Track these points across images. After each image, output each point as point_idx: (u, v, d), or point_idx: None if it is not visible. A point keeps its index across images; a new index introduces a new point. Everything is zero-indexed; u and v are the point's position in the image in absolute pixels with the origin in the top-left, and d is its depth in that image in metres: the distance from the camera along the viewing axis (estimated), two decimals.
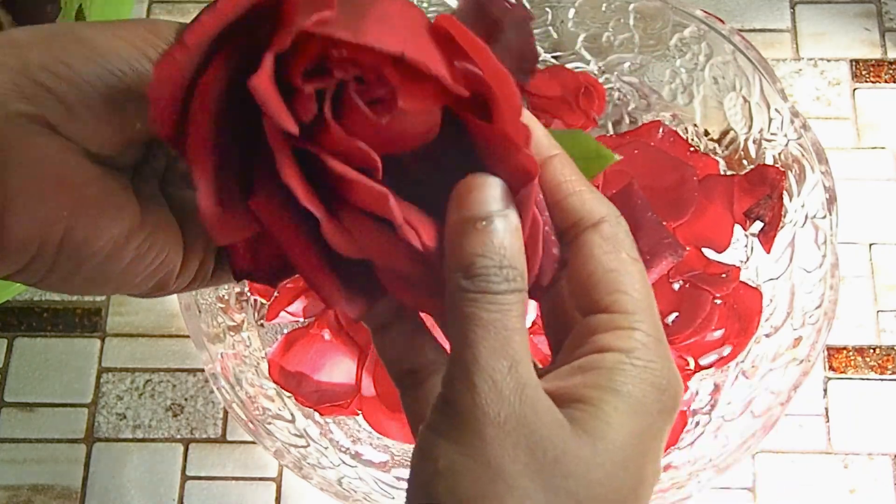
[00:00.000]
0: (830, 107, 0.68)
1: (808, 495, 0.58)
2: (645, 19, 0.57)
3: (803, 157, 0.53)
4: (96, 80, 0.28)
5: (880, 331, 0.62)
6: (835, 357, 0.61)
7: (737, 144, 0.58)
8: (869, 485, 0.58)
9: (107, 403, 0.61)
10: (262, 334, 0.57)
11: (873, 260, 0.64)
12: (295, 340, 0.55)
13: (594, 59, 0.60)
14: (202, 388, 0.62)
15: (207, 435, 0.61)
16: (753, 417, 0.50)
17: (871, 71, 0.68)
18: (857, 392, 0.60)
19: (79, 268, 0.30)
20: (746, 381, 0.53)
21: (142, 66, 0.29)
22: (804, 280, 0.53)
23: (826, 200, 0.52)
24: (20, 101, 0.28)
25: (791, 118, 0.54)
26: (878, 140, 0.67)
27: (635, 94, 0.61)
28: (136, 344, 0.63)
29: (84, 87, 0.28)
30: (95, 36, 0.29)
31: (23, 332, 0.63)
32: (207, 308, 0.52)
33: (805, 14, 0.70)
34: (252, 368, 0.54)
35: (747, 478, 0.59)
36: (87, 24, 0.30)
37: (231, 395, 0.50)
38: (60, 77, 0.28)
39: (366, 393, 0.54)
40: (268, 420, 0.51)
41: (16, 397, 0.62)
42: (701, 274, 0.55)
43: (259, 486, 0.59)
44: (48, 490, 0.60)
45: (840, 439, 0.59)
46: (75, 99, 0.28)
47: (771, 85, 0.54)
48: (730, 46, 0.55)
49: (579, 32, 0.59)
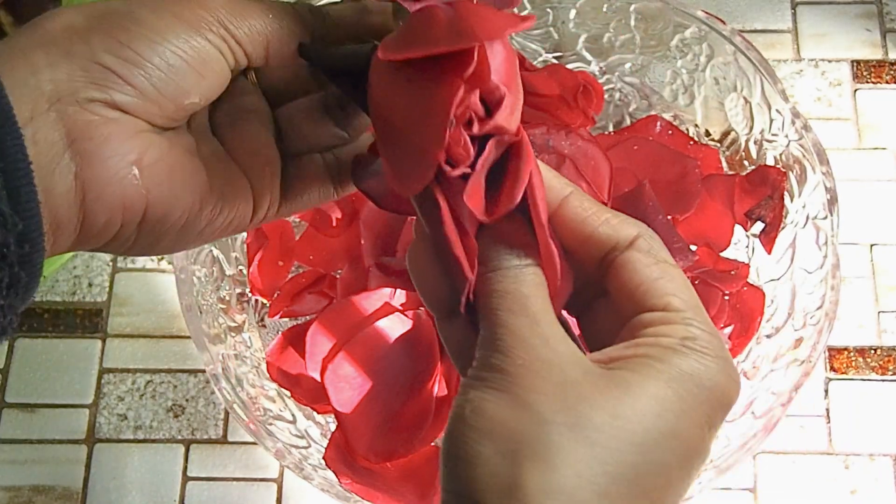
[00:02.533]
0: (831, 107, 0.68)
1: (809, 496, 0.58)
2: (646, 20, 0.57)
3: (804, 157, 0.53)
4: (159, 60, 0.30)
5: (881, 331, 0.62)
6: (836, 358, 0.61)
7: (738, 145, 0.58)
8: (870, 485, 0.58)
9: (108, 404, 0.62)
10: (263, 335, 0.57)
11: (874, 261, 0.64)
12: (293, 338, 0.55)
13: (595, 60, 0.61)
14: (203, 389, 0.62)
15: (208, 436, 0.61)
16: (754, 418, 0.50)
17: (872, 72, 0.68)
18: (858, 393, 0.60)
19: (160, 238, 0.32)
20: (747, 381, 0.53)
21: (198, 44, 0.31)
22: (805, 281, 0.53)
23: (827, 201, 0.52)
24: (91, 88, 0.29)
25: (792, 119, 0.54)
26: (879, 141, 0.67)
27: (636, 94, 0.61)
28: (138, 345, 0.63)
29: (149, 69, 0.30)
30: (151, 16, 0.31)
31: (24, 332, 0.63)
32: (208, 309, 0.52)
33: (806, 15, 0.70)
34: (253, 369, 0.54)
35: (748, 478, 0.59)
36: (140, 4, 0.31)
37: (232, 396, 0.50)
38: (127, 61, 0.30)
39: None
40: (269, 421, 0.51)
41: (17, 398, 0.62)
42: (711, 271, 0.55)
43: (260, 486, 0.59)
44: (49, 491, 0.60)
45: (841, 440, 0.59)
46: (142, 81, 0.30)
47: (772, 86, 0.54)
48: (731, 47, 0.55)
49: (580, 33, 0.59)
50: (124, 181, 0.30)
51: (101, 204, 0.30)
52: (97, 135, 0.29)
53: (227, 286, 0.55)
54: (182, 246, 0.33)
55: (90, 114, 0.29)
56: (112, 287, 0.64)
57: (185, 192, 0.32)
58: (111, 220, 0.30)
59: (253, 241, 0.56)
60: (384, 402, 0.53)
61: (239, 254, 0.57)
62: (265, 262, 0.56)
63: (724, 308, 0.55)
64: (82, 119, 0.29)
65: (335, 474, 0.49)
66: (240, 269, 0.56)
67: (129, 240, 0.31)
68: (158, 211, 0.31)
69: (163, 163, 0.31)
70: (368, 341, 0.53)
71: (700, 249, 0.55)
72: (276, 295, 0.57)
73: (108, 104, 0.29)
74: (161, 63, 0.30)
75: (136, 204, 0.30)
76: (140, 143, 0.30)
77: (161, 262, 0.65)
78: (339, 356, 0.51)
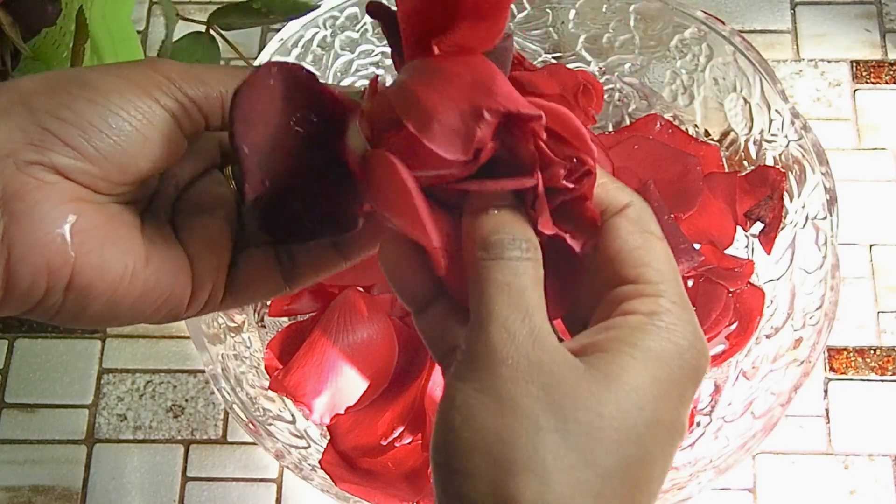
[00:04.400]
0: (831, 108, 0.68)
1: (809, 496, 0.58)
2: (645, 20, 0.57)
3: (804, 158, 0.53)
4: (100, 121, 0.29)
5: (881, 332, 0.62)
6: (835, 358, 0.61)
7: (737, 145, 0.58)
8: (869, 486, 0.58)
9: (107, 404, 0.61)
10: (262, 335, 0.57)
11: (874, 261, 0.64)
12: (291, 336, 0.56)
13: (595, 60, 0.61)
14: (203, 389, 0.62)
15: (208, 436, 0.61)
16: (754, 418, 0.50)
17: (872, 72, 0.68)
18: (857, 393, 0.60)
19: (87, 307, 0.31)
20: (747, 381, 0.53)
21: (145, 105, 0.30)
22: (805, 281, 0.53)
23: (827, 201, 0.52)
24: (29, 150, 0.29)
25: (792, 119, 0.54)
26: (879, 141, 0.67)
27: (636, 95, 0.61)
28: (137, 345, 0.63)
29: (89, 130, 0.29)
30: (98, 78, 0.30)
31: (23, 333, 0.63)
32: None
33: (805, 15, 0.70)
34: (252, 369, 0.54)
35: (748, 479, 0.59)
36: (90, 68, 0.31)
37: (232, 397, 0.50)
38: (66, 122, 0.29)
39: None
40: (268, 421, 0.51)
41: (16, 398, 0.62)
42: (715, 269, 0.55)
43: (260, 487, 0.59)
44: (49, 491, 0.60)
45: (840, 440, 0.59)
46: (81, 142, 0.29)
47: (771, 86, 0.54)
48: (730, 47, 0.55)
49: (580, 33, 0.59)
50: (51, 245, 0.29)
51: (26, 265, 0.29)
52: (30, 197, 0.29)
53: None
54: (112, 319, 0.32)
55: (27, 176, 0.29)
56: None
57: (117, 261, 0.31)
58: (36, 283, 0.29)
59: None
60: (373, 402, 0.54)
61: None
62: None
63: (730, 305, 0.55)
64: (18, 180, 0.28)
65: (332, 479, 0.50)
66: None
67: (54, 306, 0.30)
68: (86, 277, 0.30)
69: (96, 231, 0.30)
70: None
71: (704, 248, 0.55)
72: None
73: (47, 167, 0.29)
74: (102, 124, 0.29)
75: (63, 269, 0.29)
76: (74, 209, 0.29)
77: None
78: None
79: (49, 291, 0.30)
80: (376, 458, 0.52)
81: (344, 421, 0.53)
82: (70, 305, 0.30)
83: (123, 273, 0.31)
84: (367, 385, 0.53)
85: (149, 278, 0.32)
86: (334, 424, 0.53)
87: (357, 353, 0.53)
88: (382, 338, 0.54)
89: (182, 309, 0.33)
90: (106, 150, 0.29)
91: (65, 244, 0.29)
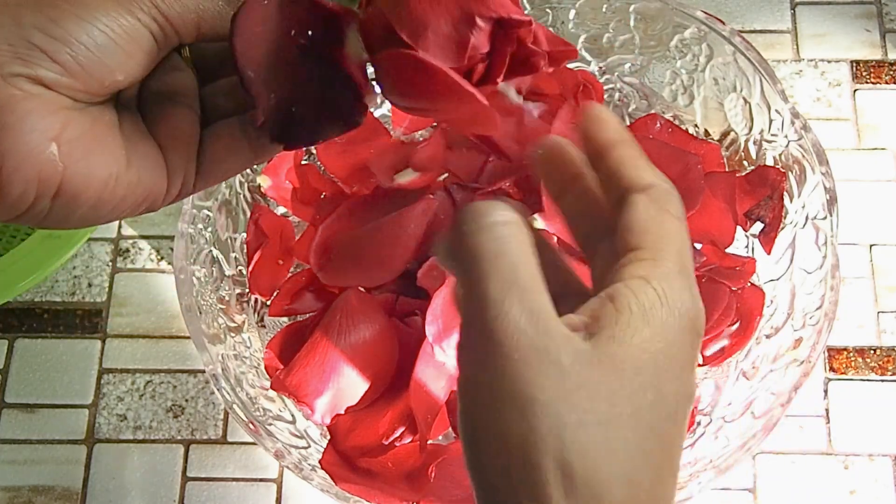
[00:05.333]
0: (831, 108, 0.68)
1: (809, 496, 0.58)
2: (645, 20, 0.58)
3: (804, 158, 0.53)
4: (87, 38, 0.31)
5: (881, 332, 0.62)
6: (835, 358, 0.61)
7: (737, 145, 0.58)
8: (869, 486, 0.58)
9: (107, 404, 0.61)
10: (262, 335, 0.57)
11: (874, 261, 0.64)
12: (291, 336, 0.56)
13: (595, 60, 0.61)
14: (203, 390, 0.62)
15: (208, 436, 0.61)
16: (754, 418, 0.50)
17: (872, 72, 0.68)
18: (857, 393, 0.60)
19: (73, 212, 0.32)
20: (747, 381, 0.53)
21: (127, 22, 0.31)
22: (805, 281, 0.53)
23: (826, 201, 0.52)
24: (17, 63, 0.30)
25: (791, 119, 0.54)
26: (879, 141, 0.67)
27: (636, 94, 0.61)
28: (137, 345, 0.63)
29: (76, 47, 0.30)
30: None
31: (23, 333, 0.63)
32: (208, 309, 0.52)
33: (805, 15, 0.70)
34: (252, 369, 0.54)
35: (748, 479, 0.59)
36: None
37: (232, 397, 0.50)
38: (55, 38, 0.30)
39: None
40: (268, 421, 0.51)
41: (16, 398, 0.62)
42: (717, 268, 0.55)
43: (260, 487, 0.59)
44: (49, 491, 0.60)
45: (840, 440, 0.59)
46: (68, 59, 0.30)
47: (771, 86, 0.54)
48: (730, 47, 0.55)
49: (580, 33, 0.59)
50: (42, 156, 0.30)
51: (18, 175, 0.30)
52: (19, 109, 0.30)
53: (226, 286, 0.55)
54: (95, 220, 0.34)
55: (13, 88, 0.30)
56: (112, 287, 0.64)
57: (102, 168, 0.32)
58: (26, 193, 0.31)
59: (252, 240, 0.56)
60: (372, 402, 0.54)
61: (238, 254, 0.57)
62: (265, 261, 0.56)
63: (732, 304, 0.55)
64: (5, 93, 0.30)
65: (332, 479, 0.50)
66: (239, 269, 0.56)
67: (41, 212, 0.32)
68: (73, 186, 0.31)
69: (82, 139, 0.31)
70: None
71: (705, 247, 0.55)
72: (276, 294, 0.57)
73: (33, 79, 0.30)
74: (89, 41, 0.31)
75: (52, 178, 0.31)
76: (61, 119, 0.31)
77: (161, 262, 0.65)
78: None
79: (37, 199, 0.31)
80: (376, 458, 0.52)
81: (344, 421, 0.53)
82: (57, 212, 0.32)
83: (108, 179, 0.32)
84: (368, 385, 0.53)
85: (131, 180, 0.33)
86: (335, 424, 0.53)
87: (358, 354, 0.53)
88: (383, 338, 0.54)
89: (160, 200, 0.35)
90: (89, 66, 0.31)
91: (53, 155, 0.30)
